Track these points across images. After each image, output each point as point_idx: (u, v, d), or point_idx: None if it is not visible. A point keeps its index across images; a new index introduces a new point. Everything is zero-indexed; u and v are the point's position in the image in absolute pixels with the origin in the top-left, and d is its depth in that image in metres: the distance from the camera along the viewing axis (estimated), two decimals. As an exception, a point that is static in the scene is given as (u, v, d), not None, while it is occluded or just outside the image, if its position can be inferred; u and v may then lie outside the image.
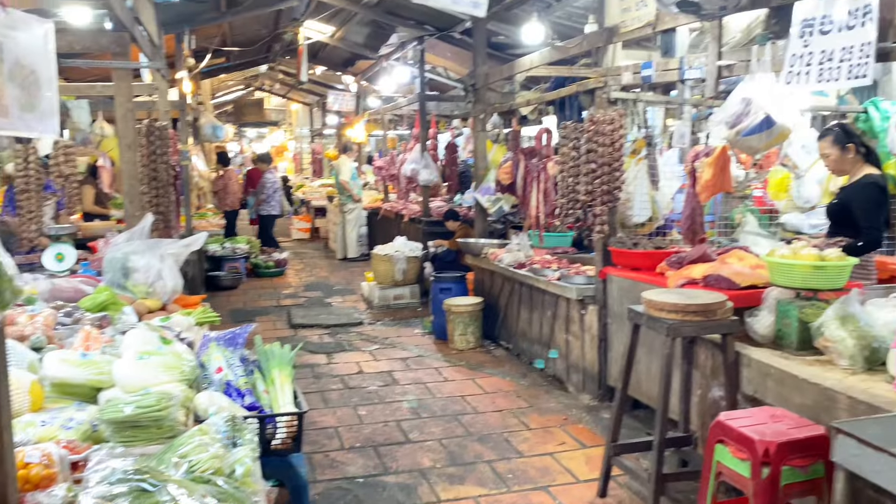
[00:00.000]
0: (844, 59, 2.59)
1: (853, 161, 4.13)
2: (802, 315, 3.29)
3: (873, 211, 4.01)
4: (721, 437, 2.82)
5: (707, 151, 4.01)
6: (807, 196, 5.35)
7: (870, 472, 1.84)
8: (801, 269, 3.33)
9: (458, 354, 6.43)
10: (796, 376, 3.03)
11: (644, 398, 4.42)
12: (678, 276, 3.96)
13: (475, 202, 7.67)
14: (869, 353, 3.01)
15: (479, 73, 7.24)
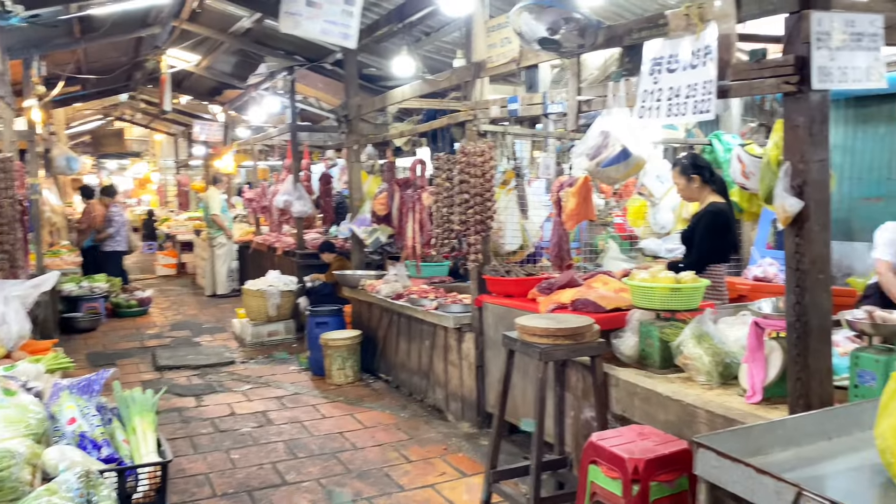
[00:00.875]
0: (690, 95, 2.79)
1: (699, 189, 4.48)
2: (663, 335, 3.48)
3: (707, 236, 4.33)
4: (594, 458, 2.91)
5: (571, 182, 4.20)
6: (662, 222, 5.71)
7: (728, 483, 1.95)
8: (659, 291, 3.53)
9: (337, 390, 6.29)
10: (660, 394, 3.19)
11: (521, 422, 4.50)
12: (548, 301, 4.09)
13: (351, 233, 7.61)
14: (723, 368, 3.22)
15: (351, 104, 7.24)
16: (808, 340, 2.53)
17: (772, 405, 2.88)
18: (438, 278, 6.66)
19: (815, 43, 2.38)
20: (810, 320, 2.52)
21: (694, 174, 4.45)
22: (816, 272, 2.51)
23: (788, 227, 2.55)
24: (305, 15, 4.33)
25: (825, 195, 2.51)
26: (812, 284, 2.50)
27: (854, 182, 5.76)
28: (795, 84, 2.44)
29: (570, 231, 4.45)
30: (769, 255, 5.62)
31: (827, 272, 2.54)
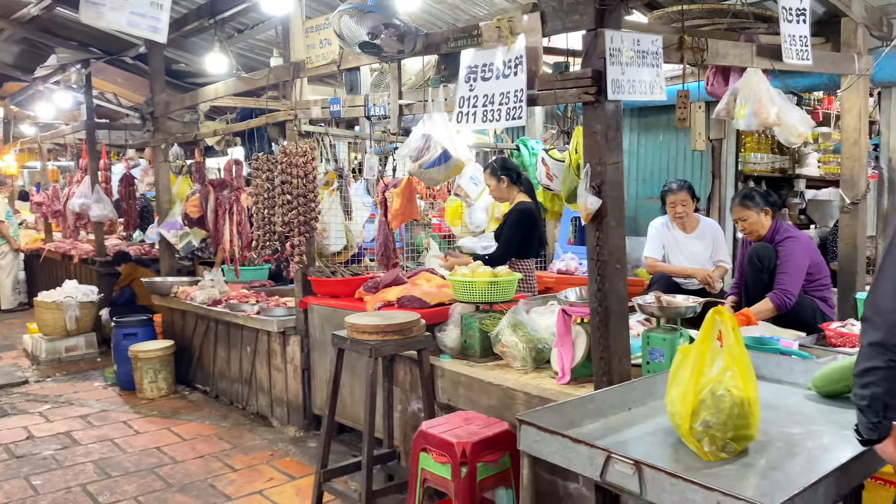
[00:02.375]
0: (503, 102, 3.01)
1: (508, 190, 4.84)
2: (483, 326, 3.71)
3: (514, 232, 4.69)
4: (424, 445, 3.04)
5: (395, 183, 4.33)
6: (477, 222, 6.03)
7: (548, 454, 2.16)
8: (478, 285, 3.75)
9: (150, 404, 5.93)
10: (482, 381, 3.40)
11: (349, 421, 4.55)
12: (376, 299, 4.18)
13: (160, 238, 7.19)
14: (536, 353, 3.50)
15: (157, 100, 6.85)
16: (609, 323, 2.83)
17: (579, 384, 3.18)
18: (259, 282, 6.51)
19: (609, 58, 2.68)
20: (610, 305, 2.83)
21: (503, 175, 4.80)
22: (614, 262, 2.82)
23: (590, 222, 2.84)
24: (109, 5, 4.05)
25: (620, 194, 2.83)
26: (611, 273, 2.81)
27: (640, 183, 6.47)
28: (593, 94, 2.73)
29: (396, 230, 4.58)
30: (571, 251, 6.14)
31: (623, 262, 2.87)
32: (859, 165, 4.21)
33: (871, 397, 1.74)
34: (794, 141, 3.49)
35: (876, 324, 1.71)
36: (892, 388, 1.71)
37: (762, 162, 6.13)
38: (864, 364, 1.74)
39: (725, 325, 2.26)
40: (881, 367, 1.70)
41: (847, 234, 4.29)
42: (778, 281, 3.84)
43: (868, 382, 1.74)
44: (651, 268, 4.89)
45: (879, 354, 1.69)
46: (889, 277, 1.71)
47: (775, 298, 3.80)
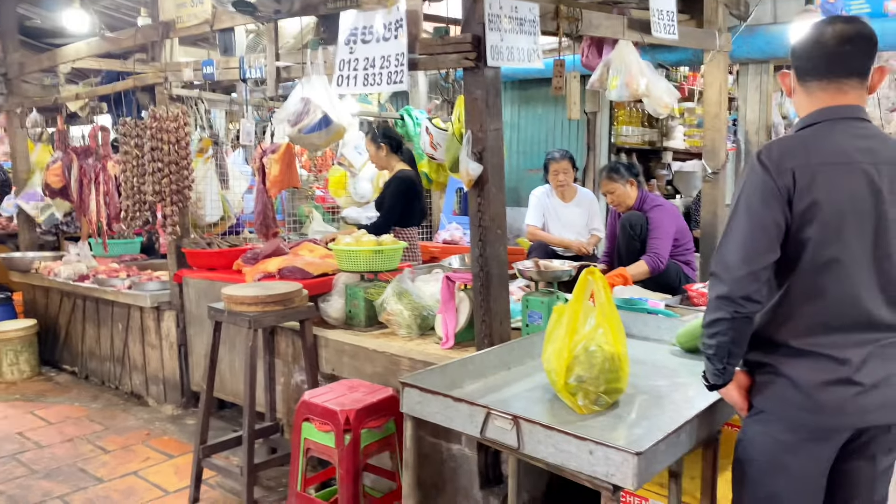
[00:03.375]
0: (384, 66, 2.98)
1: (387, 158, 4.84)
2: (367, 295, 3.69)
3: (395, 201, 4.71)
4: (307, 416, 3.00)
5: (273, 148, 4.19)
6: (362, 192, 5.97)
7: (430, 414, 2.18)
8: (363, 254, 3.72)
9: (10, 388, 5.52)
10: (367, 349, 3.39)
11: (230, 397, 4.42)
12: (255, 270, 4.06)
13: (18, 210, 6.65)
14: (421, 321, 3.53)
15: (10, 61, 6.28)
16: (490, 287, 2.89)
17: (463, 348, 3.24)
18: (130, 256, 6.17)
19: (488, 24, 2.70)
20: (491, 270, 2.88)
21: (382, 143, 4.79)
22: (495, 228, 2.87)
23: (472, 189, 2.88)
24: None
25: (500, 160, 2.88)
26: (492, 239, 2.86)
27: (520, 155, 6.61)
28: (473, 60, 2.74)
29: (275, 199, 4.45)
30: (455, 221, 6.21)
31: (503, 228, 2.92)
32: (720, 137, 4.48)
33: (717, 346, 1.86)
34: (661, 111, 3.67)
35: (723, 279, 1.82)
36: (736, 337, 1.84)
37: (633, 135, 6.42)
38: (712, 315, 1.86)
39: (597, 284, 2.36)
40: (727, 318, 1.82)
41: (709, 202, 4.57)
42: (651, 246, 4.07)
43: (715, 332, 1.86)
44: (532, 235, 5.04)
45: (726, 306, 1.81)
46: (734, 235, 1.83)
47: (649, 261, 4.04)
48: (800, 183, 1.78)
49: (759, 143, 4.94)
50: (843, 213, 1.78)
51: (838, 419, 1.83)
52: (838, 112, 1.87)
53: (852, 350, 1.82)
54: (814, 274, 1.81)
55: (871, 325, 1.83)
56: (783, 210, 1.79)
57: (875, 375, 1.82)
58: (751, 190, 1.82)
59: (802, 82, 1.93)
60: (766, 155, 1.83)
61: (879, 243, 1.80)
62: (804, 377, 1.83)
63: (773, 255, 1.80)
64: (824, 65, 1.88)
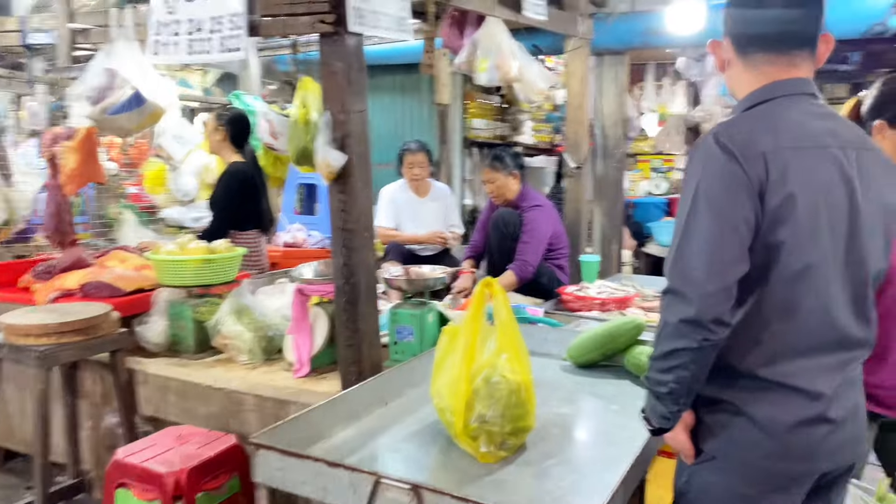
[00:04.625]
0: (215, 30, 2.37)
1: (221, 144, 4.15)
2: (197, 315, 3.02)
3: (226, 199, 4.05)
4: (122, 480, 2.32)
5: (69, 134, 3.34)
6: (185, 189, 5.18)
7: (296, 484, 1.64)
8: (190, 265, 3.04)
9: None
10: (199, 384, 2.73)
11: (21, 446, 3.52)
12: (49, 288, 3.23)
13: None
14: (266, 343, 2.93)
15: None
16: (358, 303, 2.38)
17: (321, 375, 2.70)
18: None
19: (351, -20, 2.18)
20: (359, 281, 2.37)
21: (220, 125, 4.09)
22: (363, 230, 2.36)
23: (332, 183, 2.35)
24: None
25: (366, 149, 2.37)
26: (359, 244, 2.35)
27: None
28: (332, 24, 2.21)
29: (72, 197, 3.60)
30: (298, 221, 5.58)
31: (371, 230, 2.42)
32: (582, 130, 4.27)
33: (675, 383, 1.47)
34: (534, 98, 3.35)
35: (687, 297, 1.42)
36: (698, 371, 1.46)
37: (485, 128, 6.15)
38: (672, 345, 1.45)
39: (497, 299, 1.94)
40: (693, 348, 1.42)
41: (572, 199, 4.35)
42: (519, 251, 3.75)
43: (674, 366, 1.46)
44: (385, 237, 4.57)
45: (692, 333, 1.41)
46: (696, 240, 1.43)
47: (517, 270, 3.73)
48: (772, 172, 1.41)
49: (617, 137, 4.80)
50: (818, 209, 1.44)
51: (809, 464, 1.50)
52: (793, 86, 1.54)
53: (824, 379, 1.49)
54: (786, 285, 1.45)
55: (842, 343, 1.51)
56: (754, 206, 1.41)
57: (845, 408, 1.52)
58: (712, 181, 1.43)
59: (743, 54, 1.58)
60: (727, 137, 1.44)
61: (853, 245, 1.48)
62: (772, 417, 1.47)
63: (745, 265, 1.42)
64: (773, 34, 1.54)
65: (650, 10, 4.32)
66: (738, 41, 1.60)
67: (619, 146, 4.83)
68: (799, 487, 1.52)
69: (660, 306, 1.50)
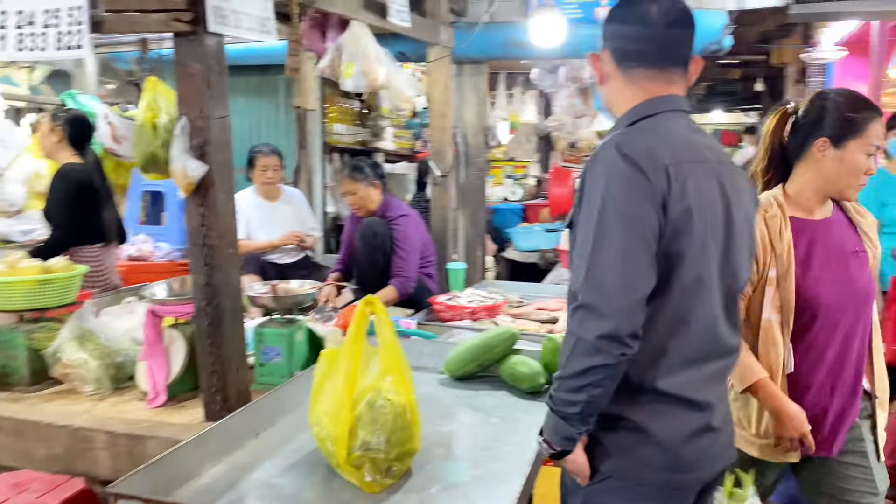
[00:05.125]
0: (50, 24, 2.11)
1: (55, 147, 3.76)
2: (31, 342, 2.68)
3: (61, 207, 3.67)
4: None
5: None
6: (11, 198, 4.65)
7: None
8: (22, 286, 2.70)
9: None
10: (37, 422, 2.40)
11: None
12: None
13: None
14: (115, 370, 2.65)
15: None
16: (222, 325, 2.20)
17: (179, 404, 2.47)
18: None
19: (209, -24, 2.01)
20: (223, 302, 2.19)
21: (57, 126, 3.68)
22: (226, 247, 2.18)
23: (191, 195, 2.16)
24: None
25: (228, 157, 2.21)
26: (223, 261, 2.17)
27: (220, 154, 5.77)
28: (189, 23, 2.03)
29: None
30: (143, 231, 5.16)
31: (236, 246, 2.25)
32: (447, 138, 4.27)
33: (587, 402, 1.43)
34: (402, 105, 3.29)
35: (602, 311, 1.38)
36: (611, 388, 1.44)
37: (346, 133, 6.01)
38: (588, 362, 1.40)
39: (380, 318, 1.85)
40: (610, 364, 1.39)
41: (438, 206, 4.34)
42: (398, 266, 3.67)
43: (586, 384, 1.41)
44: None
45: (611, 348, 1.38)
46: (608, 252, 1.40)
47: (399, 285, 3.64)
48: (674, 184, 1.43)
49: (478, 145, 4.86)
50: (707, 222, 1.48)
51: (699, 473, 1.55)
52: (672, 103, 1.58)
53: (709, 388, 1.54)
54: (681, 297, 1.47)
55: (721, 352, 1.57)
56: (659, 217, 1.42)
57: (723, 415, 1.60)
58: (620, 192, 1.42)
59: (624, 68, 1.61)
60: (631, 149, 1.44)
61: (728, 257, 1.54)
62: (666, 430, 1.49)
63: (654, 276, 1.42)
64: (653, 51, 1.58)
65: (510, 21, 4.40)
66: (618, 56, 1.62)
67: (480, 154, 4.89)
68: (689, 497, 1.57)
69: (570, 323, 1.46)
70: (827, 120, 1.98)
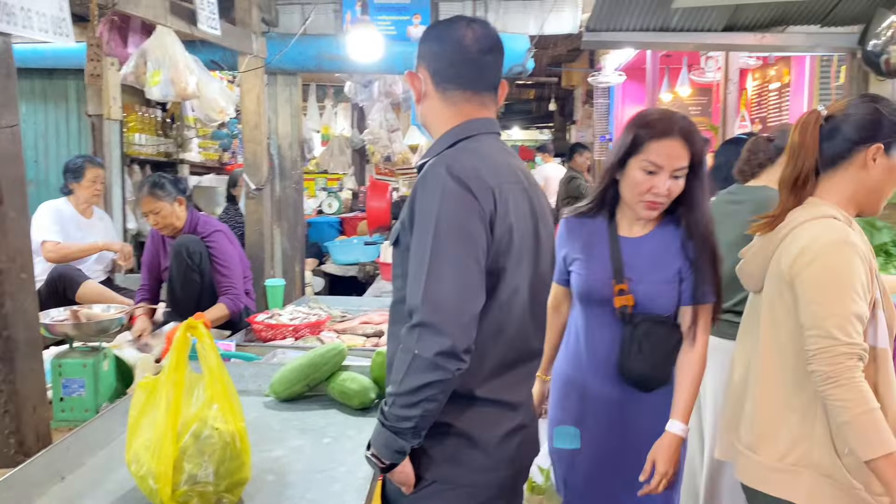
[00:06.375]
0: None
1: None
2: None
3: None
4: None
5: None
6: None
7: None
8: None
9: None
10: None
11: None
12: None
13: None
14: None
15: None
16: (15, 360, 1.96)
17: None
18: None
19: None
20: (15, 334, 1.95)
21: None
22: (18, 271, 1.95)
23: (-26, 214, 1.90)
24: None
25: (20, 171, 1.97)
26: (15, 287, 1.93)
27: None
28: (-33, 19, 1.79)
29: None
30: None
31: (30, 271, 2.02)
32: (261, 150, 4.15)
33: (421, 417, 1.46)
34: (215, 116, 3.13)
35: (441, 329, 1.41)
36: (444, 401, 1.48)
37: (147, 144, 5.60)
38: (425, 378, 1.42)
39: (203, 343, 1.75)
40: (447, 380, 1.43)
41: (254, 221, 4.20)
42: (222, 283, 3.46)
43: (421, 400, 1.44)
44: (56, 252, 3.90)
45: (448, 364, 1.41)
46: (444, 270, 1.44)
47: (229, 302, 3.44)
48: (500, 205, 1.51)
49: (293, 158, 4.77)
50: (524, 238, 1.60)
51: (514, 470, 1.65)
52: (487, 125, 1.67)
53: (519, 389, 1.66)
54: (500, 308, 1.56)
55: (529, 355, 1.70)
56: (487, 236, 1.49)
57: (530, 413, 1.72)
58: (452, 212, 1.46)
59: (441, 90, 1.66)
60: (460, 171, 1.49)
61: (537, 268, 1.67)
62: (487, 433, 1.58)
63: (484, 293, 1.49)
64: (470, 75, 1.65)
65: (324, 34, 4.38)
66: (436, 77, 1.67)
67: (296, 167, 4.80)
68: (505, 495, 1.65)
69: (405, 340, 1.47)
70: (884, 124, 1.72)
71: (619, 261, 2.02)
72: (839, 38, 4.58)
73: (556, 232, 1.88)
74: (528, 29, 4.46)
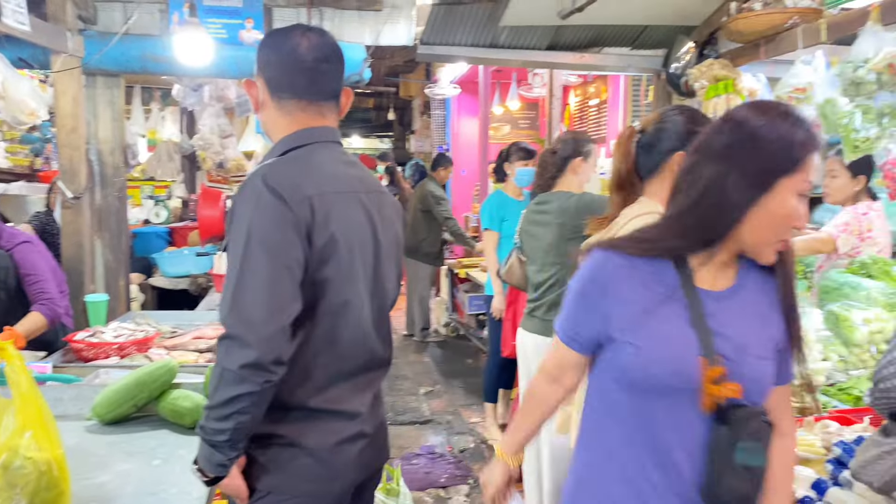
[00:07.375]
0: None
1: None
2: None
3: None
4: None
5: None
6: None
7: None
8: None
9: None
10: None
11: None
12: None
13: None
14: None
15: None
16: None
17: None
18: None
19: None
20: None
21: None
22: None
23: None
24: None
25: None
26: None
27: None
28: None
29: None
30: None
31: None
32: (79, 156, 3.86)
33: (235, 429, 1.46)
34: (24, 119, 2.88)
35: (247, 341, 1.41)
36: (258, 413, 1.48)
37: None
38: (233, 391, 1.43)
39: (13, 365, 1.61)
40: (255, 392, 1.43)
41: (71, 232, 3.89)
42: (37, 291, 3.15)
43: (233, 412, 1.44)
44: None
45: (254, 376, 1.41)
46: (252, 282, 1.44)
47: (46, 310, 3.13)
48: (318, 215, 1.52)
49: (116, 164, 4.47)
50: (354, 249, 1.61)
51: (348, 478, 1.66)
52: (324, 134, 1.69)
53: (360, 398, 1.68)
54: (331, 319, 1.58)
55: (371, 364, 1.73)
56: (304, 246, 1.50)
57: (375, 422, 1.75)
58: (264, 223, 1.46)
59: (277, 98, 1.67)
60: (276, 181, 1.49)
61: (377, 277, 1.70)
62: (319, 442, 1.59)
63: (299, 304, 1.49)
64: (304, 84, 1.66)
65: (148, 35, 4.15)
66: (272, 85, 1.67)
67: (118, 174, 4.50)
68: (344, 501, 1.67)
69: (217, 353, 1.47)
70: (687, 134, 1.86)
71: (704, 329, 1.32)
72: (647, 61, 5.07)
73: (579, 270, 1.44)
74: (364, 39, 4.49)
